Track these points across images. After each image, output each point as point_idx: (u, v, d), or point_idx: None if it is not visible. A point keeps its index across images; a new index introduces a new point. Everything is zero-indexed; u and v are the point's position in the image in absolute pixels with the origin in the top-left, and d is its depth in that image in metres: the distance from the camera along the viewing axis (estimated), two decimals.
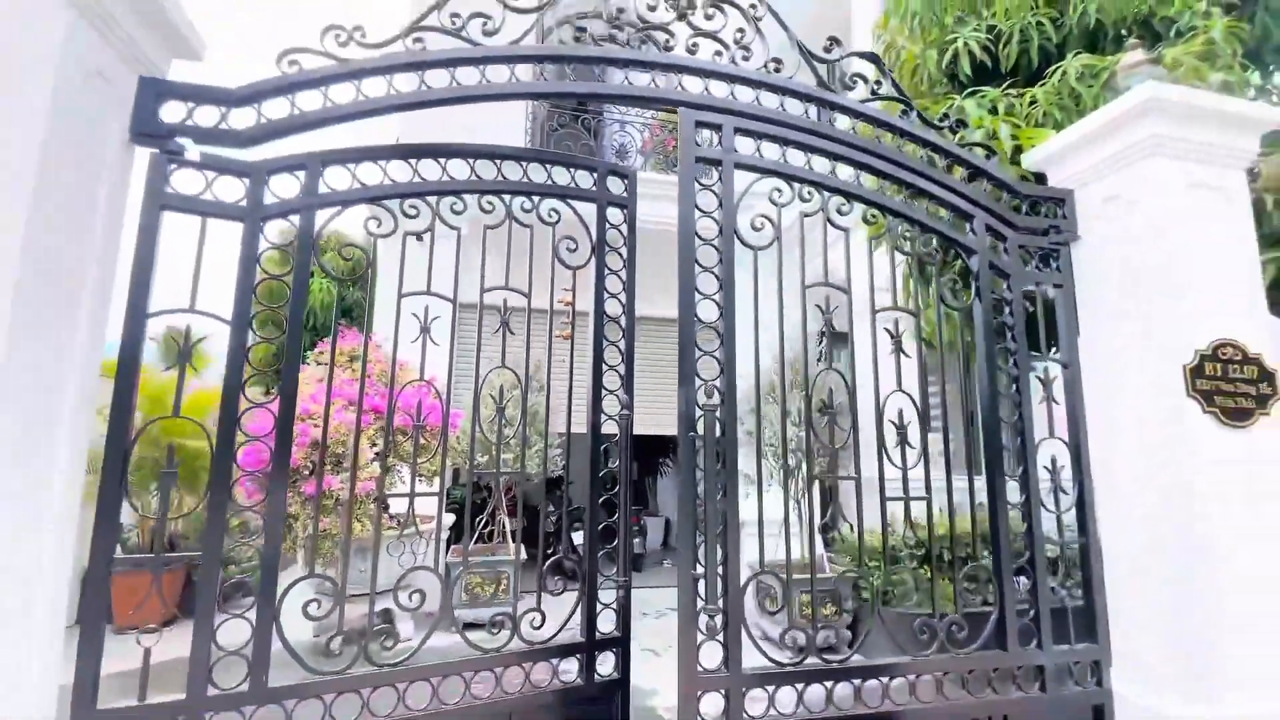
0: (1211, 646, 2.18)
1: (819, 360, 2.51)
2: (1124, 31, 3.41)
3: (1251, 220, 2.54)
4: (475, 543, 5.54)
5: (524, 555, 5.05)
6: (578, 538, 2.79)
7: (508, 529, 5.81)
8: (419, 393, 2.41)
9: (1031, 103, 3.14)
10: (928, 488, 2.39)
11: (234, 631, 1.89)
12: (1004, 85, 3.37)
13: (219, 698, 1.84)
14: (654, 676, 3.63)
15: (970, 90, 3.39)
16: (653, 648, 4.39)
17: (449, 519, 5.49)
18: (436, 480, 4.89)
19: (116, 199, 1.92)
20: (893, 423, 2.36)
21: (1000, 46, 3.45)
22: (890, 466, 2.33)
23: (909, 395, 2.39)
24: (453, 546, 5.53)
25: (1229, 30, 2.92)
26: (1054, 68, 3.15)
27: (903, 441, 2.34)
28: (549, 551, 2.69)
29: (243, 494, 2.12)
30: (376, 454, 4.23)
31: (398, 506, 4.49)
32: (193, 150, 2.03)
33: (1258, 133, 2.56)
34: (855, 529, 2.46)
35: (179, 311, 1.92)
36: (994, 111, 3.25)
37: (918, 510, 2.44)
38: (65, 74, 1.68)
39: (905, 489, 2.35)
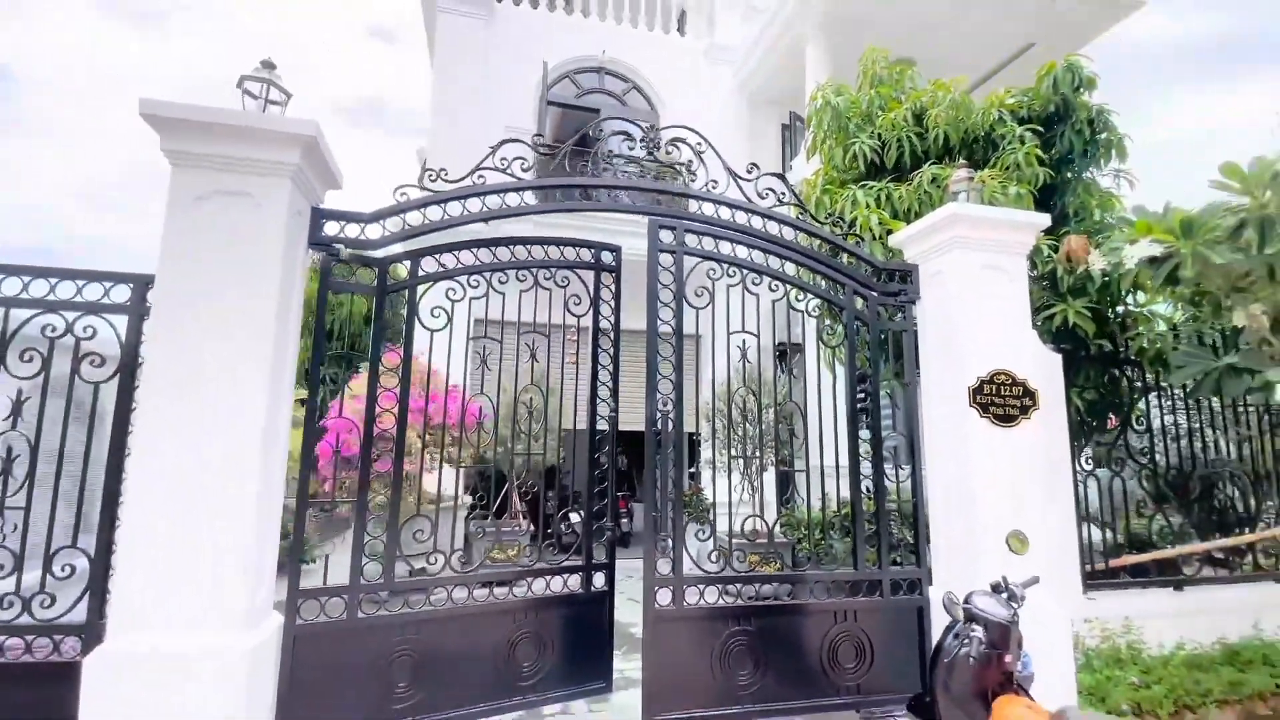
0: (976, 567, 3.38)
1: (745, 386, 3.71)
2: (974, 141, 4.63)
3: (1026, 289, 3.75)
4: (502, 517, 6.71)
5: (532, 527, 6.26)
6: (574, 516, 4.01)
7: (517, 506, 7.01)
8: (469, 402, 3.59)
9: (900, 196, 4.36)
10: (807, 466, 3.60)
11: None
12: (887, 179, 4.59)
13: (366, 585, 3.03)
14: (636, 616, 4.81)
15: (863, 182, 4.61)
16: (635, 598, 5.58)
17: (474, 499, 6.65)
18: (467, 463, 6.09)
19: (300, 285, 3.09)
20: (784, 422, 3.57)
21: (885, 151, 4.67)
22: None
23: (796, 404, 3.59)
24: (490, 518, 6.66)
25: (1030, 154, 4.14)
26: (916, 173, 4.38)
27: (791, 436, 3.55)
28: (563, 514, 3.89)
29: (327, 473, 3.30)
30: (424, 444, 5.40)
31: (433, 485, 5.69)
32: (344, 252, 3.20)
33: (1032, 231, 3.77)
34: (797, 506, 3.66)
35: (340, 354, 3.09)
36: (878, 200, 4.47)
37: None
38: (288, 217, 2.85)
39: (791, 464, 3.55)
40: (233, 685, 2.43)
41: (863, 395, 3.73)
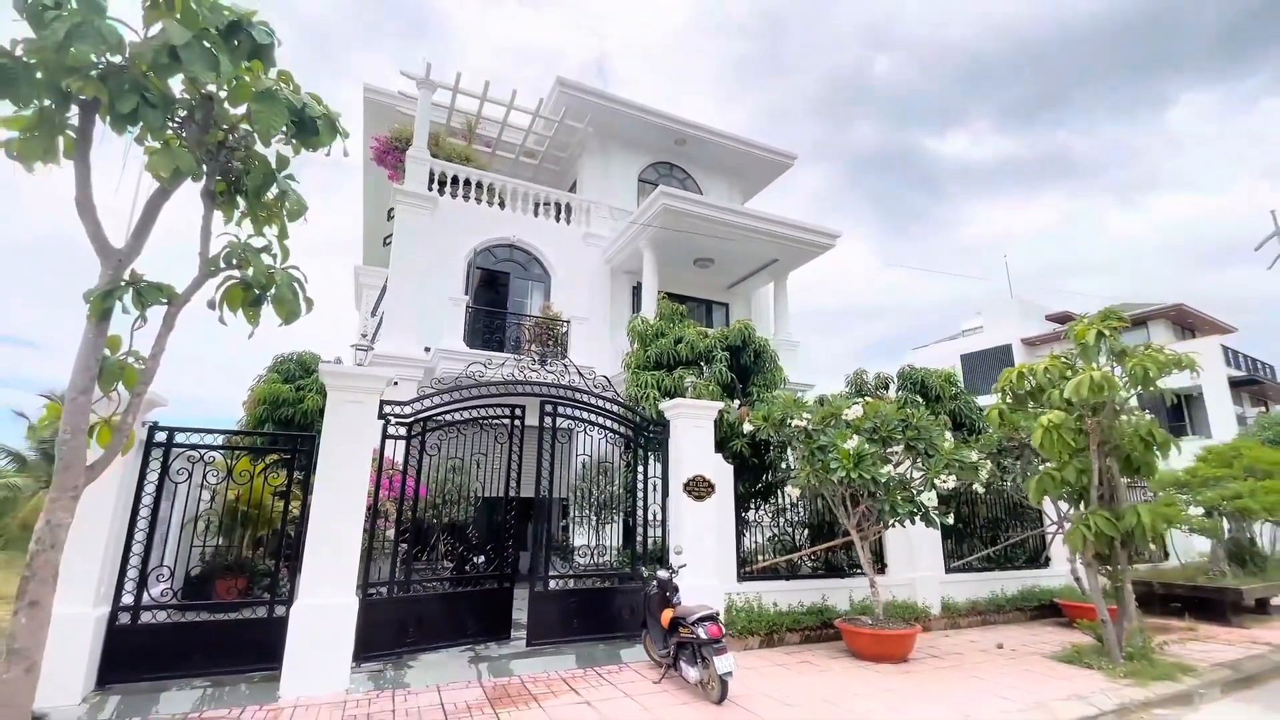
0: (680, 563, 7.03)
1: (585, 483, 7.22)
2: (702, 355, 8.72)
3: (712, 432, 7.67)
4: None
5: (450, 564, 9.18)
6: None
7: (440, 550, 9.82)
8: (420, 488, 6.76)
9: (668, 381, 8.26)
10: (624, 519, 7.15)
11: None
12: (663, 371, 8.51)
13: (397, 581, 6.01)
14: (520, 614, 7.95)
15: (651, 370, 8.49)
16: (518, 605, 8.68)
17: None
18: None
19: (374, 440, 6.14)
20: (616, 499, 7.12)
21: (662, 356, 8.65)
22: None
23: (626, 490, 7.17)
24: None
25: (721, 369, 8.25)
26: (675, 370, 8.32)
27: (620, 505, 7.10)
28: (490, 548, 7.07)
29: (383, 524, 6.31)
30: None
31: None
32: (393, 420, 6.32)
33: (714, 410, 7.72)
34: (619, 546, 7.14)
35: (394, 472, 6.17)
36: (658, 383, 8.34)
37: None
38: (376, 415, 5.96)
39: (629, 519, 7.10)
40: (351, 622, 5.36)
41: (644, 484, 7.41)
